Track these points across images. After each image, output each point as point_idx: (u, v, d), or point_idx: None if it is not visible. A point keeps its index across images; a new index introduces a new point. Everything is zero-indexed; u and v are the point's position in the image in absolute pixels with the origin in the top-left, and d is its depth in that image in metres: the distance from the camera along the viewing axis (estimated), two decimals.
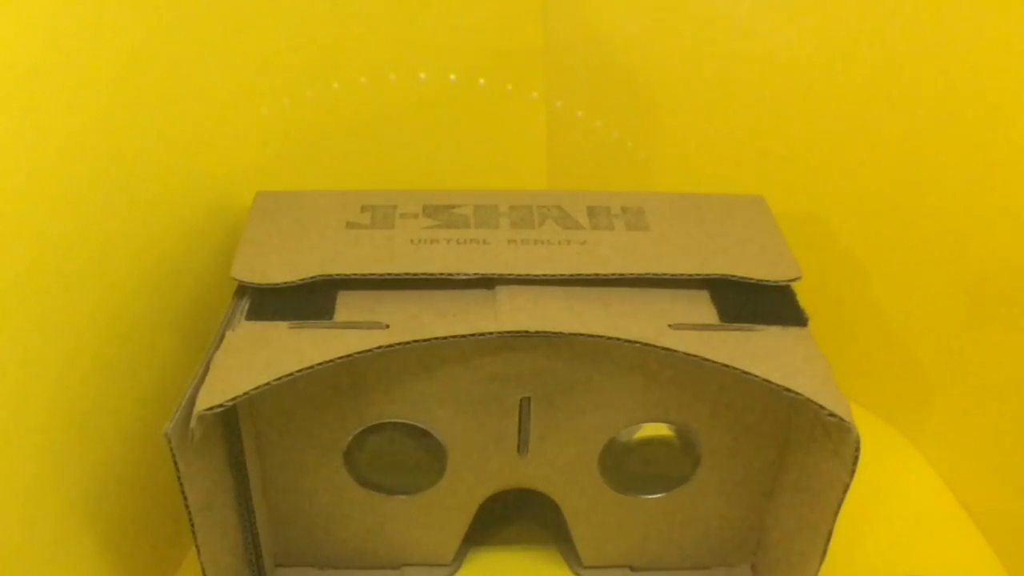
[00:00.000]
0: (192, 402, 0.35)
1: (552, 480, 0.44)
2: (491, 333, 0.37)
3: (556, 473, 0.43)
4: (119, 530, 0.41)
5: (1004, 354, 0.47)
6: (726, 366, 0.36)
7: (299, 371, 0.35)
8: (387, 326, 0.38)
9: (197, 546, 0.38)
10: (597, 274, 0.40)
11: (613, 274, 0.40)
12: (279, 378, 0.35)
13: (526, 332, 0.37)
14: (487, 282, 0.40)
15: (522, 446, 0.42)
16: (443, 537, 0.46)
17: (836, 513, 0.38)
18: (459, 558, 0.47)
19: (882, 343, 0.54)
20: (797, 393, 0.36)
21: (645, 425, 0.42)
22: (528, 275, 0.40)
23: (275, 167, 0.48)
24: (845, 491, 0.37)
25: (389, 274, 0.39)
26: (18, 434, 0.35)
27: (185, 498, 0.36)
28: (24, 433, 0.35)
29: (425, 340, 0.37)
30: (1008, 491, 0.48)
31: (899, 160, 0.49)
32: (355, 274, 0.40)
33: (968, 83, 0.46)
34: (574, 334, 0.37)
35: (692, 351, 0.37)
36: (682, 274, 0.40)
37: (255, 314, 0.39)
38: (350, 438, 0.42)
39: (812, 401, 0.36)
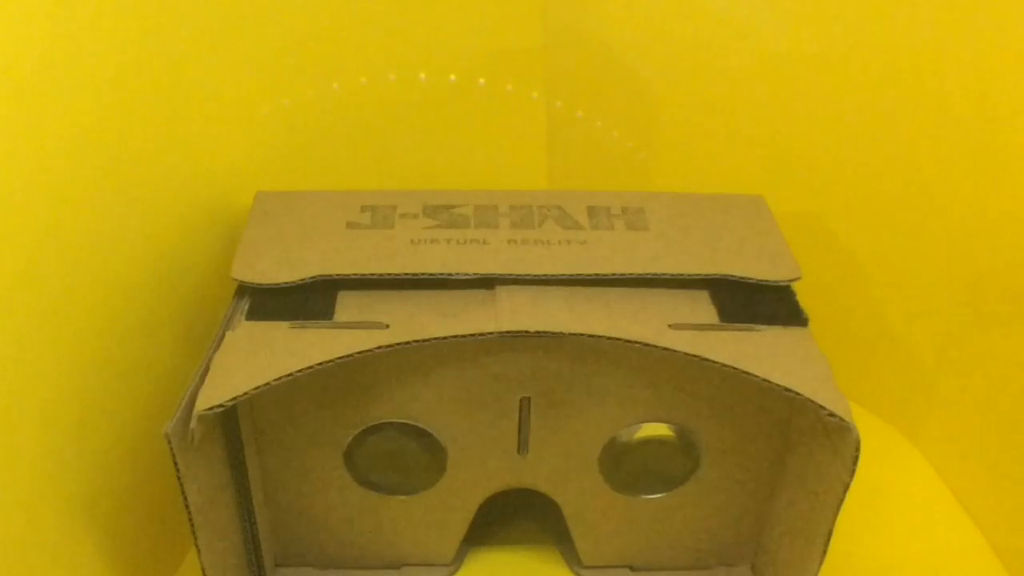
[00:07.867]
0: (192, 402, 0.35)
1: (552, 480, 0.44)
2: (491, 333, 0.37)
3: (556, 473, 0.43)
4: (119, 530, 0.41)
5: (1004, 354, 0.47)
6: (726, 366, 0.36)
7: (299, 371, 0.35)
8: (387, 326, 0.38)
9: (197, 546, 0.38)
10: (597, 274, 0.40)
11: (613, 274, 0.40)
12: (279, 378, 0.35)
13: (526, 332, 0.37)
14: (487, 282, 0.40)
15: (522, 446, 0.42)
16: (443, 537, 0.46)
17: (836, 513, 0.38)
18: (459, 558, 0.47)
19: (882, 343, 0.54)
20: (797, 393, 0.36)
21: (645, 425, 0.42)
22: (528, 275, 0.40)
23: (275, 167, 0.48)
24: (845, 491, 0.37)
25: (389, 274, 0.39)
26: (18, 434, 0.35)
27: (185, 498, 0.36)
28: (24, 433, 0.35)
29: (425, 340, 0.37)
30: (1008, 491, 0.48)
31: (899, 160, 0.49)
32: (355, 274, 0.40)
33: (968, 83, 0.46)
34: (574, 334, 0.37)
35: (692, 351, 0.37)
36: (682, 274, 0.40)
37: (255, 314, 0.39)
38: (350, 438, 0.42)
39: (812, 401, 0.36)
